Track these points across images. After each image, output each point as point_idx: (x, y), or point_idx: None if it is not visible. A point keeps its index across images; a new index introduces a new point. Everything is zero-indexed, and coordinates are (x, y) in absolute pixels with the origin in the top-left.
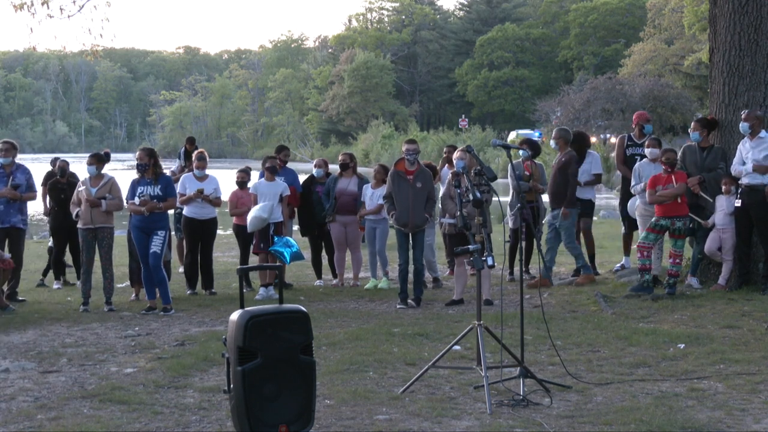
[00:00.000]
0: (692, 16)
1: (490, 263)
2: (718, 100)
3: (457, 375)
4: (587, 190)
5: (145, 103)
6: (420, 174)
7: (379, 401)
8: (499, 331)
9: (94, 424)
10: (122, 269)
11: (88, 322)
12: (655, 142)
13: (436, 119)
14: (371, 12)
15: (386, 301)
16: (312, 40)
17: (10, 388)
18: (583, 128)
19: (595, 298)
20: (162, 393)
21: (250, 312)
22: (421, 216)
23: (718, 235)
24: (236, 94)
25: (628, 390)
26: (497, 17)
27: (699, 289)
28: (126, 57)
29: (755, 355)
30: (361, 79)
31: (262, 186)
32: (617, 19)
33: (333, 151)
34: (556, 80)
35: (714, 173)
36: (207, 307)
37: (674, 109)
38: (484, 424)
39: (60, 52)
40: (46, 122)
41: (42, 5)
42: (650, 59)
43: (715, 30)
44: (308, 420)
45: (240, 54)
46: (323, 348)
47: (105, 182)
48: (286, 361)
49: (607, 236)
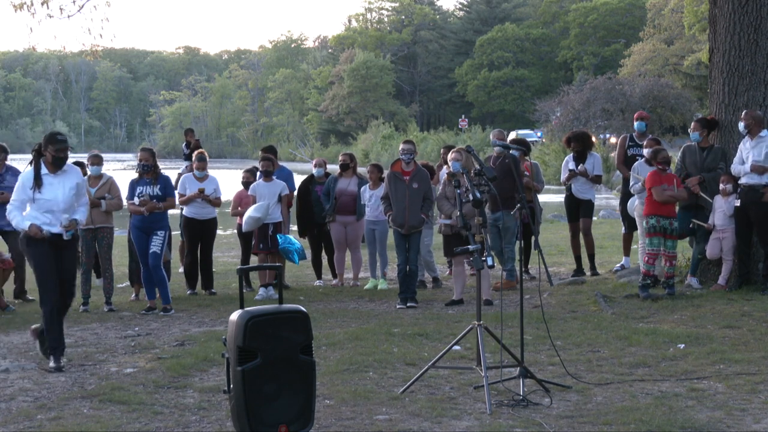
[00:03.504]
0: (692, 16)
1: (489, 263)
2: (718, 100)
3: (457, 375)
4: (587, 190)
5: (145, 103)
6: (416, 174)
7: (379, 401)
8: (499, 331)
9: (94, 424)
10: (122, 269)
11: (88, 322)
12: (654, 142)
13: (436, 119)
14: (371, 12)
15: (386, 301)
16: (312, 40)
17: (10, 388)
18: (583, 128)
19: (595, 298)
20: (162, 393)
21: (250, 312)
22: (418, 217)
23: (719, 237)
24: (236, 94)
25: (628, 390)
26: (497, 17)
27: (699, 289)
28: (126, 57)
29: (755, 355)
30: (360, 79)
31: (260, 186)
32: (617, 19)
33: (333, 151)
34: (556, 80)
35: (714, 173)
36: (207, 307)
37: (674, 109)
38: (484, 424)
39: (60, 52)
40: (46, 122)
41: (42, 5)
42: (650, 59)
43: (715, 30)
44: (308, 420)
45: (240, 54)
46: (323, 348)
47: (104, 182)
48: (286, 361)
49: (607, 236)
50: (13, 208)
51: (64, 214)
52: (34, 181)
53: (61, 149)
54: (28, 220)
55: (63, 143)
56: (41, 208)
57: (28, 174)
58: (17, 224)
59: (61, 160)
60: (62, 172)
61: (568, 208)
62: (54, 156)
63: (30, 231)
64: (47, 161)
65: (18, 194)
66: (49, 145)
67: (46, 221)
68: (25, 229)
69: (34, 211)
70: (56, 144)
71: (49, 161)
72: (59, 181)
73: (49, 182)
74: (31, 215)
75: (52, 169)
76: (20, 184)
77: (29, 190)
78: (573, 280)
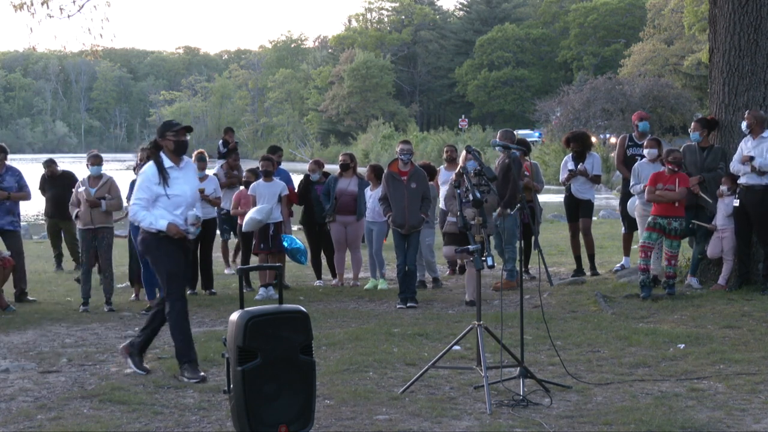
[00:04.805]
0: (692, 16)
1: (489, 263)
2: (718, 100)
3: (457, 375)
4: (587, 190)
5: (145, 103)
6: (414, 174)
7: (379, 401)
8: (499, 331)
9: (94, 424)
10: (122, 269)
11: (88, 323)
12: (654, 142)
13: (436, 119)
14: (371, 12)
15: (386, 301)
16: (312, 41)
17: (10, 388)
18: (583, 128)
19: (595, 298)
20: (162, 393)
21: (250, 312)
22: (417, 216)
23: (719, 237)
24: (236, 94)
25: (628, 390)
26: (497, 17)
27: (699, 289)
28: (126, 57)
29: (755, 355)
30: (360, 79)
31: (261, 187)
32: (617, 19)
33: (333, 151)
34: (556, 80)
35: (714, 173)
36: (207, 307)
37: (674, 109)
38: (484, 424)
39: (60, 52)
40: (46, 122)
41: (42, 5)
42: (650, 59)
43: (715, 30)
44: (308, 420)
45: (240, 54)
46: (323, 348)
47: (104, 182)
48: (286, 361)
49: (607, 236)
50: (140, 208)
51: (189, 211)
52: (161, 176)
53: (180, 132)
54: (162, 219)
55: (181, 126)
56: (171, 206)
57: (150, 170)
58: (149, 225)
59: (184, 146)
60: (184, 164)
61: (568, 208)
62: (176, 141)
63: (170, 231)
64: (169, 150)
65: (143, 192)
66: (166, 132)
67: (176, 220)
68: (162, 229)
69: (160, 209)
70: (173, 127)
71: (171, 149)
72: (183, 174)
73: (175, 176)
74: (158, 215)
75: (175, 159)
76: (143, 181)
77: (155, 187)
78: (573, 280)
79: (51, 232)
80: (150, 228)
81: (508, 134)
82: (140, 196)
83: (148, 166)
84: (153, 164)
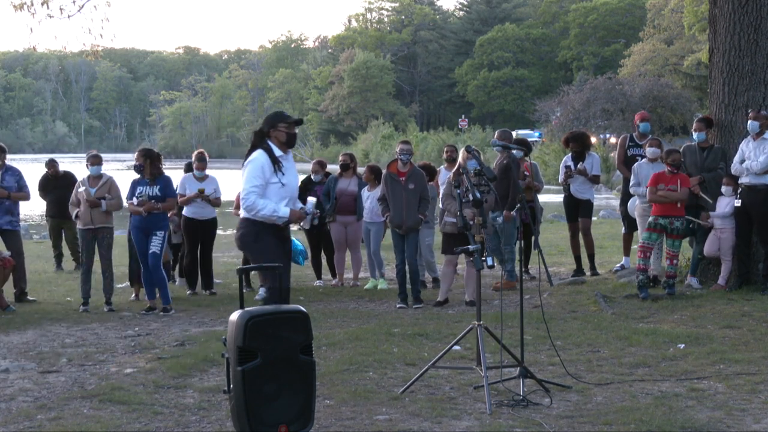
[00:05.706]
0: (692, 16)
1: (489, 263)
2: (718, 100)
3: (457, 375)
4: (586, 190)
5: (145, 103)
6: (412, 175)
7: (379, 401)
8: (499, 331)
9: (94, 424)
10: (122, 269)
11: (88, 322)
12: (655, 142)
13: (435, 119)
14: (371, 12)
15: (386, 301)
16: (312, 41)
17: (10, 388)
18: (583, 128)
19: (595, 298)
20: (162, 393)
21: (250, 312)
22: (415, 217)
23: (717, 236)
24: (236, 94)
25: (628, 390)
26: (497, 17)
27: (699, 289)
28: (126, 57)
29: (755, 355)
30: (360, 79)
31: None
32: (617, 19)
33: (333, 151)
34: (555, 80)
35: (714, 173)
36: (207, 307)
37: (674, 109)
38: (484, 424)
39: (60, 52)
40: (46, 122)
41: (42, 5)
42: (650, 59)
43: (715, 30)
44: (308, 420)
45: (240, 54)
46: (323, 348)
47: (104, 182)
48: (286, 361)
49: (607, 236)
50: (256, 196)
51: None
52: (275, 165)
53: (292, 124)
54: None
55: (293, 119)
56: (283, 193)
57: (261, 158)
58: (269, 213)
59: (294, 138)
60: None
61: (568, 208)
62: (288, 133)
63: (294, 216)
64: (280, 141)
65: (257, 180)
66: (279, 123)
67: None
68: (285, 216)
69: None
70: (286, 119)
71: (283, 140)
72: (289, 165)
73: (285, 166)
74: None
75: (284, 149)
76: (255, 168)
77: (269, 175)
78: (573, 280)
79: (53, 232)
80: (272, 216)
81: (506, 134)
82: (256, 183)
83: (260, 154)
84: (264, 153)
